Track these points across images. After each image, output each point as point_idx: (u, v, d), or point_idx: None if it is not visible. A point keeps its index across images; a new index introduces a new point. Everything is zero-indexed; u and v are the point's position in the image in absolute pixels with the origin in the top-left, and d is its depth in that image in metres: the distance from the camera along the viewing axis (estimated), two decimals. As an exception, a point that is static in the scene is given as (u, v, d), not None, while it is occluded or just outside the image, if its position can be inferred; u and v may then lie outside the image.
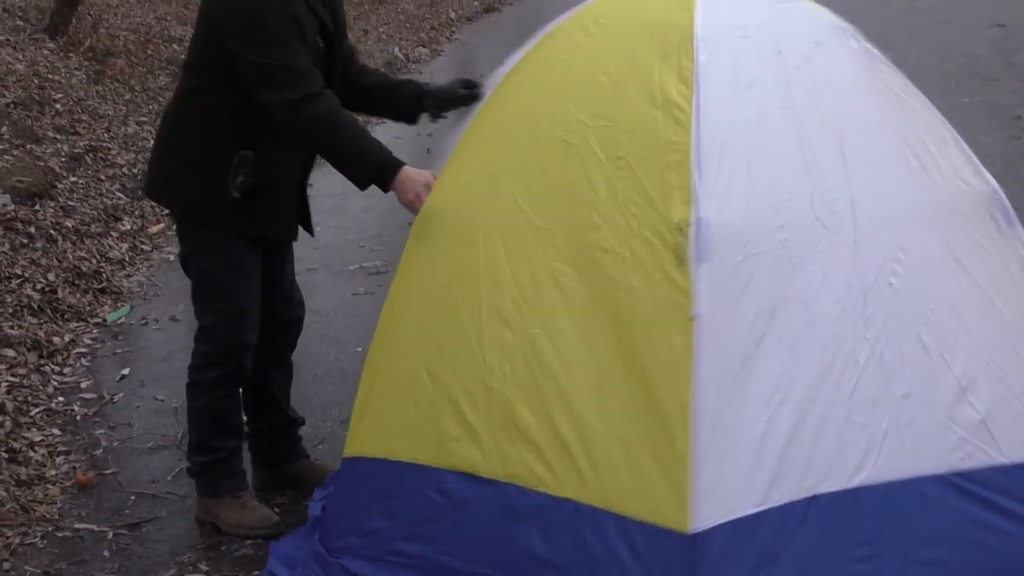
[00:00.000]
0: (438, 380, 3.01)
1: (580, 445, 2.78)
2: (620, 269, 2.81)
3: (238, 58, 3.26)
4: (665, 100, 2.93)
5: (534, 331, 2.89)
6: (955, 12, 12.56)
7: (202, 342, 3.59)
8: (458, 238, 3.08)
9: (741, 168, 2.85)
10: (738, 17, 3.19)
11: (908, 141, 3.13)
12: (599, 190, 2.91)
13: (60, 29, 8.63)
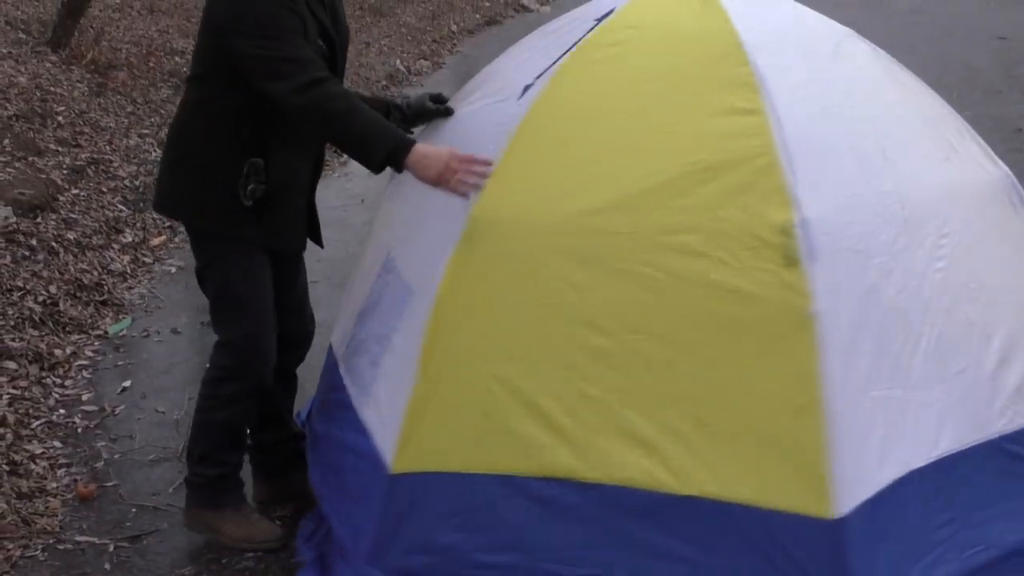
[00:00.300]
0: (514, 389, 2.94)
1: (706, 443, 2.83)
2: (722, 272, 2.86)
3: (244, 57, 3.22)
4: (731, 107, 3.03)
5: (631, 336, 2.88)
6: (956, 25, 12.58)
7: (223, 356, 3.55)
8: (519, 247, 3.00)
9: (821, 167, 2.97)
10: (769, 22, 3.34)
11: (933, 132, 3.33)
12: (683, 193, 2.94)
13: (62, 42, 8.64)
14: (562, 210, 2.99)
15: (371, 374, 3.29)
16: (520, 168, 3.09)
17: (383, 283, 3.41)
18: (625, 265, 2.91)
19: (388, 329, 3.27)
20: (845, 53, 3.39)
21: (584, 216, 2.97)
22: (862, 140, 3.11)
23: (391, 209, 3.67)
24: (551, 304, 2.94)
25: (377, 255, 3.57)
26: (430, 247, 3.17)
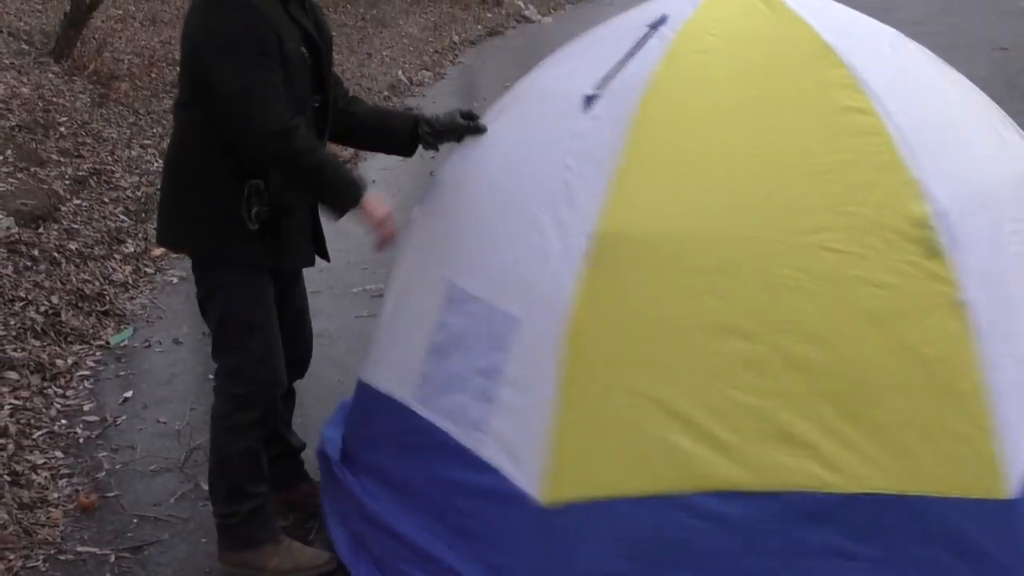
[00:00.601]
0: (664, 405, 2.88)
1: (868, 439, 2.83)
2: (862, 267, 2.89)
3: (212, 80, 3.15)
4: (840, 107, 3.09)
5: (780, 338, 2.87)
6: (957, 36, 12.60)
7: (232, 384, 3.43)
8: (651, 259, 2.96)
9: (939, 159, 3.06)
10: (837, 24, 3.41)
11: (987, 122, 3.45)
12: (808, 194, 2.97)
13: (65, 53, 8.66)
14: (691, 219, 2.98)
15: (482, 409, 3.14)
16: (639, 182, 3.04)
17: (461, 315, 3.29)
18: (764, 268, 2.91)
19: (494, 361, 3.14)
20: (901, 52, 3.50)
21: (714, 223, 2.96)
22: (945, 134, 3.21)
23: (433, 240, 3.55)
24: (692, 314, 2.91)
25: (430, 286, 3.44)
26: (529, 272, 3.11)
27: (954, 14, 15.18)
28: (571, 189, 3.12)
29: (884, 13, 3.74)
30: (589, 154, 3.14)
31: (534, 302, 3.07)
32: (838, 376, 2.85)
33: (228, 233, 3.29)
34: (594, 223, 3.00)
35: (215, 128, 3.24)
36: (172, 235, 3.49)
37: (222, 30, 3.14)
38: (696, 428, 2.85)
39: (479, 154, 3.49)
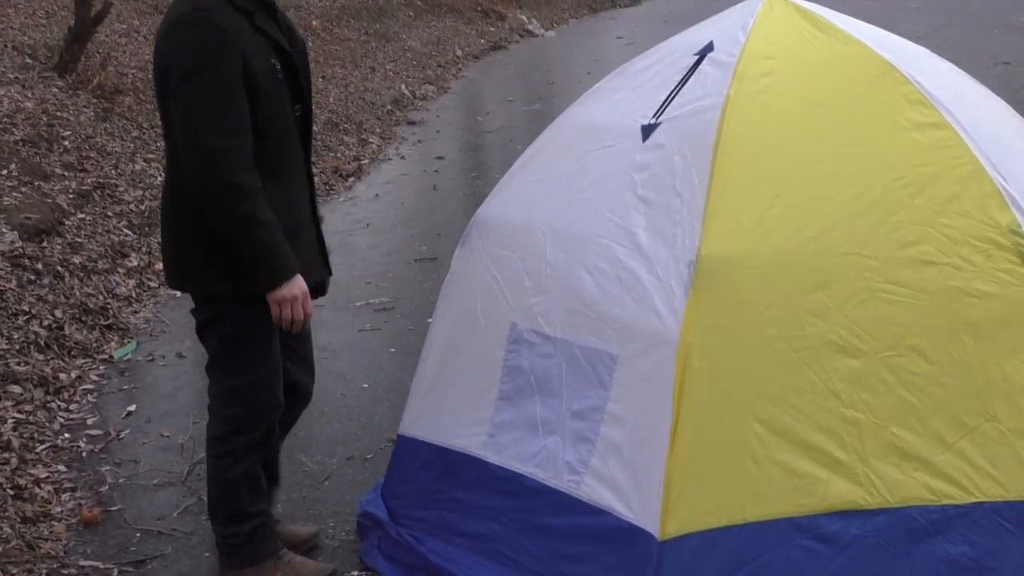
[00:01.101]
0: (777, 428, 2.88)
1: (977, 450, 2.87)
2: (959, 278, 2.96)
3: (172, 102, 3.09)
4: (915, 122, 3.16)
5: (885, 354, 2.90)
6: (960, 51, 12.60)
7: (229, 406, 3.36)
8: (753, 282, 2.97)
9: (1009, 169, 3.13)
10: (886, 43, 3.49)
11: (1021, 134, 3.53)
12: (897, 209, 3.02)
13: (69, 67, 8.67)
14: (786, 239, 3.00)
15: (580, 451, 3.11)
16: (730, 204, 3.06)
17: (536, 357, 3.26)
18: (864, 284, 2.95)
19: (593, 401, 3.11)
20: (937, 68, 3.56)
21: (810, 242, 2.99)
22: (1011, 141, 3.31)
23: (486, 285, 3.50)
24: (797, 335, 2.92)
25: (488, 333, 3.42)
26: (618, 306, 3.09)
27: (956, 29, 15.22)
28: (651, 218, 3.13)
29: (887, 28, 3.75)
30: (664, 183, 3.16)
31: (631, 336, 3.07)
32: (947, 388, 2.89)
33: (232, 268, 3.20)
34: (692, 249, 3.00)
35: None
36: (178, 278, 3.39)
37: (182, 46, 3.08)
38: (811, 449, 2.87)
39: (526, 192, 3.49)
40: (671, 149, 3.20)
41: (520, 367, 3.30)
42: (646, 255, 3.09)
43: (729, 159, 3.11)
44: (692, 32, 3.65)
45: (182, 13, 3.10)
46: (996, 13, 16.68)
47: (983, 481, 2.87)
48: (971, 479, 2.87)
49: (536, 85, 13.35)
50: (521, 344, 3.30)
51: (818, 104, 3.23)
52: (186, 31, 3.08)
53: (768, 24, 3.45)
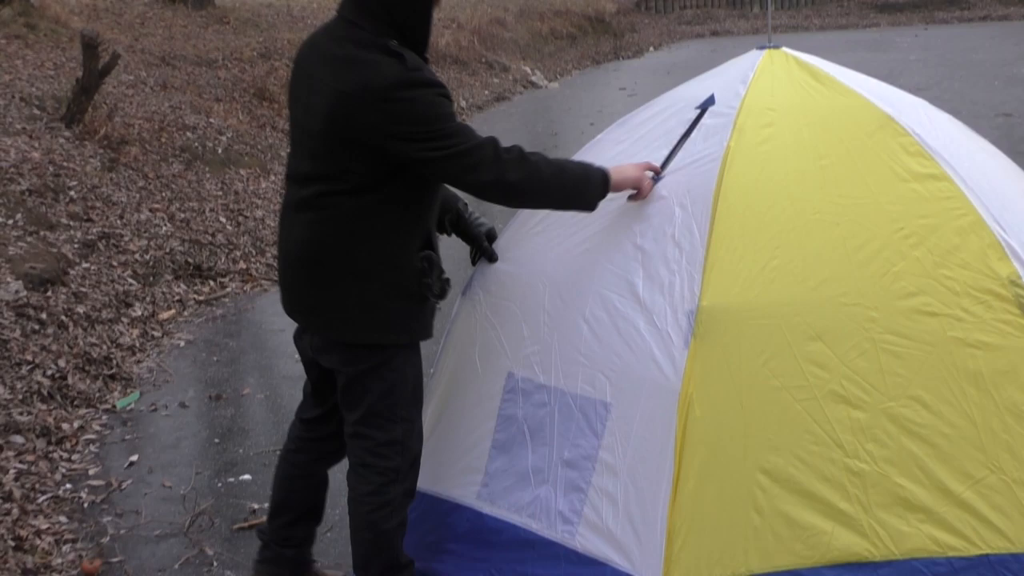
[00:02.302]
0: (781, 478, 2.88)
1: (982, 501, 2.86)
2: (960, 329, 2.97)
3: (422, 161, 3.02)
4: (914, 173, 3.19)
5: (888, 405, 2.91)
6: (961, 102, 12.69)
7: (392, 457, 3.25)
8: (754, 332, 2.97)
9: (1008, 220, 3.15)
10: (884, 95, 3.52)
11: (1021, 187, 3.57)
12: (897, 259, 3.04)
13: (76, 118, 8.73)
14: (788, 290, 3.02)
15: (572, 500, 3.11)
16: (730, 255, 3.08)
17: (531, 406, 3.27)
18: (865, 334, 2.96)
19: (585, 450, 3.12)
20: (935, 119, 3.58)
21: (811, 293, 3.01)
22: (1009, 193, 3.34)
23: (485, 335, 3.51)
24: (799, 385, 2.93)
25: (485, 382, 3.43)
26: (615, 355, 3.11)
27: (957, 80, 15.31)
28: (650, 269, 3.15)
29: (888, 80, 3.79)
30: (662, 232, 3.18)
31: (626, 385, 3.07)
32: (950, 439, 2.89)
33: (408, 314, 3.20)
34: (691, 298, 3.02)
35: (387, 206, 3.10)
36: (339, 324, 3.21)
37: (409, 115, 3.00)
38: (815, 499, 2.86)
39: (528, 243, 3.51)
40: (671, 200, 3.23)
41: (514, 416, 3.30)
42: (644, 304, 3.11)
43: (730, 210, 3.13)
44: (693, 84, 3.68)
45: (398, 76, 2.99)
46: (997, 64, 16.80)
47: (989, 533, 2.86)
48: (976, 531, 2.86)
49: (539, 136, 13.40)
50: (516, 393, 3.31)
51: (818, 155, 3.25)
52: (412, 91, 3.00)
53: (768, 76, 3.48)
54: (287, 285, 3.32)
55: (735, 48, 4.44)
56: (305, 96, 3.15)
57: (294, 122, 3.24)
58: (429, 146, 2.99)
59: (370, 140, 3.01)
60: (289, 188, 3.27)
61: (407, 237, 3.16)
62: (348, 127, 3.01)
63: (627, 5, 28.20)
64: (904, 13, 26.72)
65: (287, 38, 15.33)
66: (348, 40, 3.07)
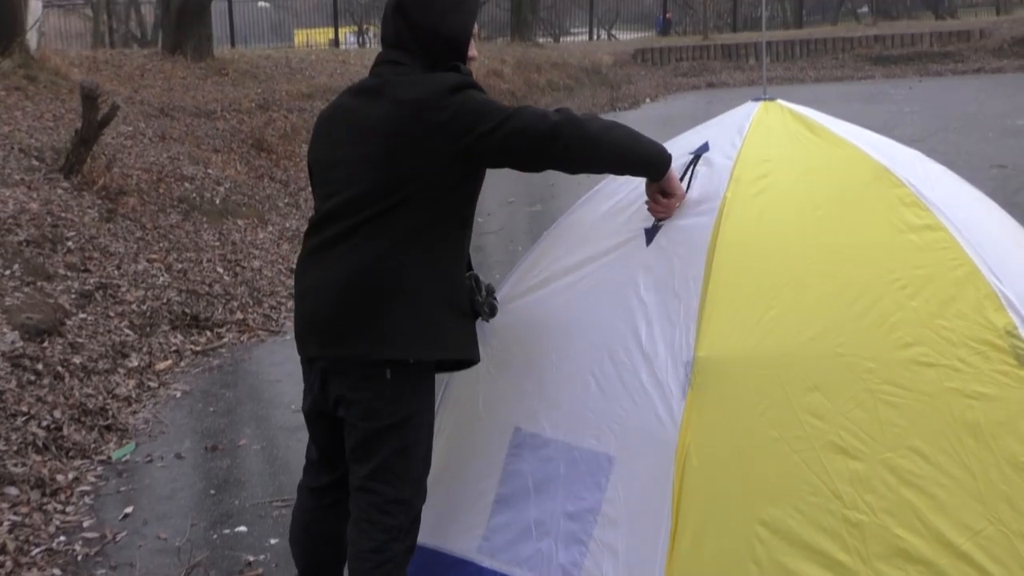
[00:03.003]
0: (779, 529, 2.86)
1: (982, 553, 2.83)
2: (958, 379, 2.95)
3: (486, 152, 3.11)
4: (910, 224, 3.19)
5: (887, 456, 2.89)
6: (956, 154, 12.75)
7: (398, 515, 3.20)
8: (751, 383, 2.97)
9: (1004, 271, 3.15)
10: (880, 146, 3.53)
11: (1016, 238, 3.58)
12: (894, 310, 3.03)
13: (75, 169, 8.76)
14: (784, 340, 3.01)
15: (574, 553, 3.09)
16: (727, 306, 3.08)
17: (536, 460, 3.25)
18: (862, 385, 2.95)
19: (588, 503, 3.10)
20: (930, 171, 3.59)
21: (808, 343, 3.00)
22: (1004, 244, 3.35)
23: (489, 389, 3.50)
24: (797, 436, 2.91)
25: (490, 437, 3.41)
26: (617, 407, 3.10)
27: (952, 132, 15.39)
28: (652, 320, 3.16)
29: (884, 132, 3.81)
30: (664, 284, 3.19)
31: (630, 437, 3.07)
32: (949, 490, 2.87)
33: (464, 329, 3.25)
34: (689, 349, 3.03)
35: (443, 223, 3.15)
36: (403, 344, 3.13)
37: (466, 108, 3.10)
38: (815, 551, 2.84)
39: (532, 295, 3.51)
40: (671, 251, 3.24)
41: (520, 470, 3.29)
42: (647, 356, 3.11)
43: (726, 260, 3.14)
44: (690, 135, 3.70)
45: (449, 81, 3.13)
46: (991, 116, 16.89)
47: None
48: None
49: (536, 187, 13.43)
50: (523, 448, 3.30)
51: (814, 206, 3.26)
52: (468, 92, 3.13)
53: (764, 128, 3.51)
54: (322, 321, 3.20)
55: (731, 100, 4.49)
56: (347, 132, 3.22)
57: (324, 164, 3.28)
58: (503, 127, 3.07)
59: (440, 141, 3.08)
60: (317, 232, 3.24)
61: (458, 255, 3.22)
62: (419, 131, 3.08)
63: (624, 57, 28.40)
64: (898, 65, 26.91)
65: (285, 89, 15.43)
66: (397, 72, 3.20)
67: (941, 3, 40.88)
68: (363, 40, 39.35)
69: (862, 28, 33.25)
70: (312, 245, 3.25)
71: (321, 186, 3.27)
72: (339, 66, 18.96)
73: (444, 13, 3.22)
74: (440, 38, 3.22)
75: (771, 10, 42.50)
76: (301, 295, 3.29)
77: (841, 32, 31.81)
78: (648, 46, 30.39)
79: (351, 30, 40.33)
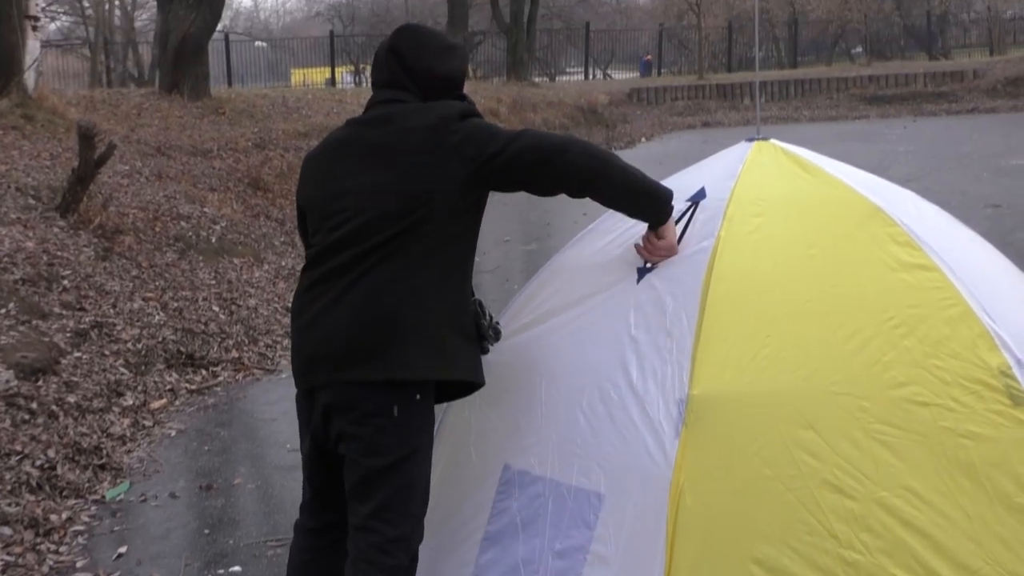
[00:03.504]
0: (775, 569, 2.84)
1: None
2: (952, 419, 2.94)
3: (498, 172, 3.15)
4: (903, 263, 3.20)
5: (882, 495, 2.87)
6: (950, 193, 12.80)
7: (398, 555, 3.16)
8: (746, 421, 2.96)
9: (997, 310, 3.15)
10: (872, 186, 3.54)
11: (1006, 274, 3.59)
12: (888, 349, 3.03)
13: (71, 207, 8.78)
14: (778, 379, 3.01)
15: None
16: (721, 344, 3.08)
17: (525, 498, 3.24)
18: (857, 424, 2.94)
19: (577, 541, 3.08)
20: (924, 210, 3.61)
21: (802, 382, 3.00)
22: (997, 284, 3.37)
23: (479, 426, 3.50)
24: (791, 474, 2.91)
25: (478, 474, 3.41)
26: (608, 445, 3.09)
27: (946, 172, 15.45)
28: (643, 358, 3.16)
29: (878, 171, 3.83)
30: (655, 322, 3.19)
31: (621, 474, 3.05)
32: (944, 530, 2.86)
33: (472, 352, 3.27)
34: (682, 387, 3.03)
35: (450, 247, 3.19)
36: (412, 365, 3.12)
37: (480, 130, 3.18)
38: None
39: (524, 333, 3.51)
40: (662, 290, 3.24)
41: (508, 508, 3.27)
42: (638, 394, 3.10)
43: (720, 299, 3.15)
44: (684, 175, 3.72)
45: (456, 108, 3.22)
46: (985, 156, 16.97)
47: None
48: None
49: (532, 226, 13.49)
50: (512, 485, 3.28)
51: (808, 245, 3.27)
52: (475, 120, 3.22)
53: (757, 167, 3.52)
54: (335, 347, 3.16)
55: (726, 139, 4.53)
56: (352, 162, 3.24)
57: (326, 197, 3.27)
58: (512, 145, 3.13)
59: (453, 164, 3.13)
60: (318, 264, 3.23)
61: (466, 279, 3.26)
62: (432, 156, 3.14)
63: (619, 96, 28.55)
64: (893, 105, 27.07)
65: (282, 128, 15.48)
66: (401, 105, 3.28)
67: (935, 44, 41.18)
68: (359, 79, 39.54)
69: (856, 68, 33.49)
70: (314, 277, 3.23)
71: (323, 219, 3.26)
72: (335, 105, 19.04)
73: (438, 56, 3.31)
74: (436, 77, 3.29)
75: (766, 50, 42.79)
76: (306, 325, 3.24)
77: (836, 72, 32.02)
78: (643, 85, 30.57)
79: (347, 69, 40.55)
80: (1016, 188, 13.58)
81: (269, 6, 63.62)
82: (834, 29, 43.70)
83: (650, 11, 44.59)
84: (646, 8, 46.54)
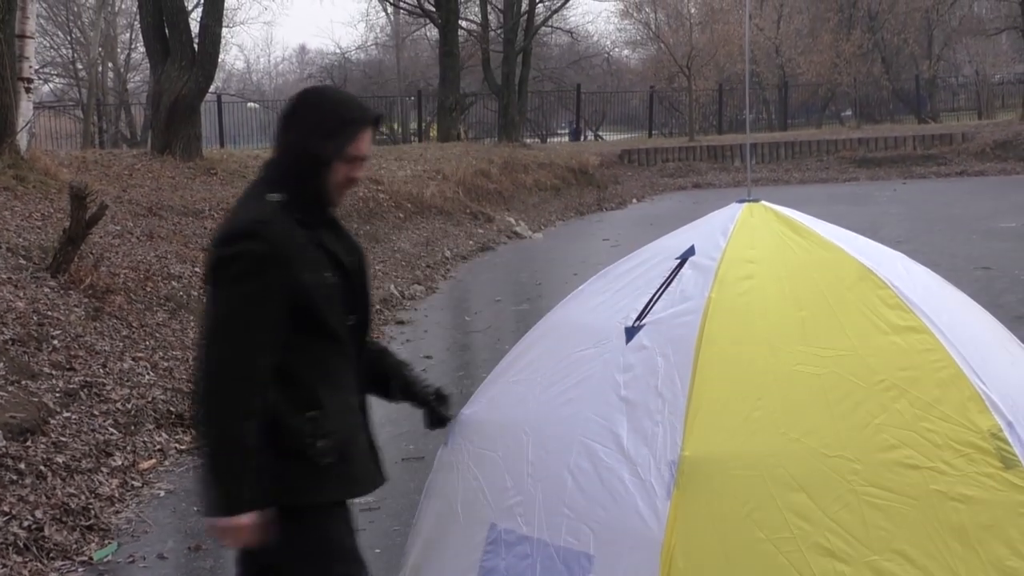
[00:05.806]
0: None
1: None
2: (943, 482, 2.94)
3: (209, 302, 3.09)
4: (892, 326, 3.21)
5: (873, 559, 2.86)
6: (940, 255, 12.87)
7: None
8: (738, 482, 2.96)
9: (995, 372, 3.18)
10: (862, 247, 3.57)
11: (996, 337, 3.60)
12: (878, 412, 3.03)
13: (62, 267, 8.77)
14: (770, 441, 3.01)
15: None
16: (712, 406, 3.08)
17: (512, 557, 3.22)
18: (848, 487, 2.94)
19: None
20: (914, 273, 3.63)
21: (793, 443, 3.00)
22: (987, 346, 3.37)
23: (468, 485, 3.48)
24: (783, 537, 2.90)
25: (466, 533, 3.39)
26: (597, 506, 3.08)
27: (935, 234, 15.55)
28: (633, 419, 3.15)
29: (868, 233, 3.85)
30: (646, 383, 3.19)
31: (611, 536, 3.04)
32: None
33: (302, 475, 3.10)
34: (673, 449, 3.02)
35: None
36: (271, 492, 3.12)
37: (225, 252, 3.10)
38: None
39: (510, 392, 3.51)
40: (654, 351, 3.24)
41: (496, 568, 3.25)
42: (628, 455, 3.09)
43: (711, 360, 3.15)
44: (675, 235, 3.73)
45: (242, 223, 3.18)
46: (975, 218, 17.09)
47: None
48: None
49: (523, 286, 13.51)
50: (499, 544, 3.26)
51: (798, 307, 3.28)
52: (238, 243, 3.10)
53: (748, 229, 3.54)
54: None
55: (717, 200, 4.56)
56: None
57: None
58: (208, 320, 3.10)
59: None
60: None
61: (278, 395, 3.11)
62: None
63: (610, 157, 28.72)
64: (883, 168, 27.26)
65: (274, 189, 15.49)
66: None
67: (924, 107, 41.57)
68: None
69: (846, 131, 33.76)
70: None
71: None
72: (328, 166, 19.08)
73: (306, 133, 3.28)
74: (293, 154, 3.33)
75: (756, 113, 43.16)
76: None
77: (825, 135, 32.30)
78: (635, 147, 30.79)
79: (340, 131, 40.62)
80: (1006, 250, 13.67)
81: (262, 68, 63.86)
82: (824, 92, 44.10)
83: (641, 73, 44.88)
84: (637, 70, 46.88)
